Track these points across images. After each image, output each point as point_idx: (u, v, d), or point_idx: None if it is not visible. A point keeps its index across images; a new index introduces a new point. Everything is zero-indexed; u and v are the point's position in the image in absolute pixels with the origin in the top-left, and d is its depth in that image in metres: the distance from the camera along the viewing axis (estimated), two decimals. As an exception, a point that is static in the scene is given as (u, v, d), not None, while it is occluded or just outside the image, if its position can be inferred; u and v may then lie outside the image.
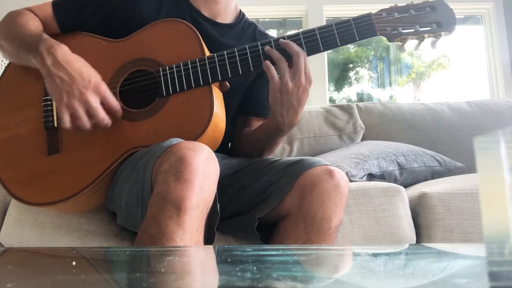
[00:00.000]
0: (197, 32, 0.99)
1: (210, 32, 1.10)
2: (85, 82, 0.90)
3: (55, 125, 0.98)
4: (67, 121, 0.90)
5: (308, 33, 0.97)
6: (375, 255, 0.63)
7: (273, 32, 3.50)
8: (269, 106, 0.99)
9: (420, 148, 1.62)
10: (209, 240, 0.84)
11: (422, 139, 1.80)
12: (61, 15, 1.06)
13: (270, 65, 0.95)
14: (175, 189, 0.74)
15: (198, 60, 0.96)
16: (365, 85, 4.04)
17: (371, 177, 1.47)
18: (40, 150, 0.97)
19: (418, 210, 1.23)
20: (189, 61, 0.96)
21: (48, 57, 0.91)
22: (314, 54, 0.99)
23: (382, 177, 1.47)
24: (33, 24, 1.03)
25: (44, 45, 0.93)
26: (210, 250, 0.68)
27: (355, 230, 1.16)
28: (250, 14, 1.28)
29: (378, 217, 1.17)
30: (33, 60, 0.94)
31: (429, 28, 0.97)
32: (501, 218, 0.28)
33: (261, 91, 1.17)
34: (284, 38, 0.97)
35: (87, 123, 0.91)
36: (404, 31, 0.98)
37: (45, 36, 0.96)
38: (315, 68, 2.59)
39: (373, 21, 0.97)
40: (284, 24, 3.36)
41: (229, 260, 0.52)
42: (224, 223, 0.99)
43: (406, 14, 0.99)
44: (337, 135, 1.82)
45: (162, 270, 0.46)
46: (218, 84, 0.99)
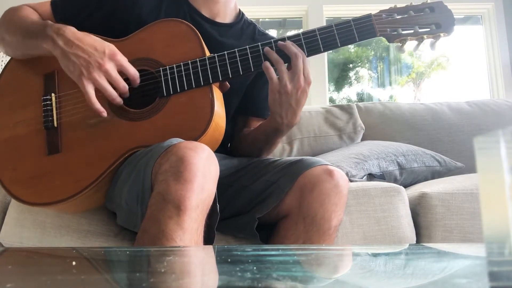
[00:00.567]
0: (198, 33, 0.99)
1: (210, 32, 1.10)
2: (101, 54, 0.91)
3: (55, 125, 0.98)
4: (93, 95, 0.90)
5: (309, 34, 0.98)
6: (375, 255, 0.63)
7: (273, 32, 3.50)
8: (268, 107, 1.00)
9: (420, 148, 1.62)
10: (209, 240, 0.84)
11: (422, 139, 1.80)
12: (60, 14, 1.06)
13: (269, 66, 0.95)
14: (175, 189, 0.74)
15: (199, 60, 0.96)
16: (365, 85, 4.04)
17: (371, 177, 1.47)
18: (40, 150, 0.97)
19: (418, 210, 1.23)
20: (190, 61, 0.96)
21: (59, 38, 0.92)
22: (315, 55, 0.99)
23: (382, 177, 1.47)
24: (35, 16, 1.04)
25: (52, 28, 0.94)
26: (210, 250, 0.68)
27: (355, 230, 1.16)
28: (250, 14, 1.28)
29: (378, 217, 1.17)
30: (44, 45, 0.94)
31: (428, 29, 0.98)
32: (501, 218, 0.28)
33: (261, 92, 1.17)
34: (285, 39, 0.97)
35: (113, 92, 0.91)
36: (404, 32, 0.98)
37: (50, 22, 0.97)
38: (315, 68, 2.59)
39: (373, 22, 0.98)
40: (284, 24, 3.36)
41: (229, 260, 0.52)
42: (224, 223, 0.99)
43: (406, 15, 0.99)
44: (337, 135, 1.82)
45: (162, 270, 0.46)
46: (219, 84, 0.99)
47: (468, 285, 0.37)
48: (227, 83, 1.01)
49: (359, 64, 4.11)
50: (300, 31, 0.99)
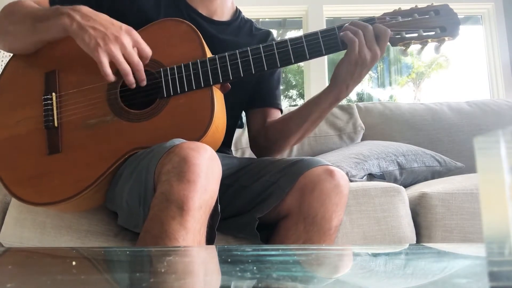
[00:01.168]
0: (199, 33, 0.99)
1: (208, 30, 1.10)
2: (117, 28, 0.92)
3: (55, 125, 0.98)
4: (107, 66, 0.90)
5: (310, 36, 0.97)
6: (375, 255, 0.63)
7: (273, 32, 3.49)
8: (336, 76, 0.99)
9: (420, 148, 1.62)
10: (210, 240, 0.84)
11: (422, 139, 1.81)
12: None
13: (354, 37, 0.94)
14: (178, 190, 0.74)
15: (200, 62, 0.96)
16: (365, 85, 4.04)
17: (371, 177, 1.47)
18: (41, 150, 0.97)
19: (418, 210, 1.23)
20: (190, 62, 0.96)
21: (75, 13, 0.92)
22: (316, 58, 0.99)
23: (382, 177, 1.47)
24: (39, 5, 1.03)
25: (66, 8, 0.94)
26: (213, 250, 0.68)
27: (355, 230, 1.16)
28: (250, 14, 1.29)
29: (378, 217, 1.17)
30: (59, 22, 0.93)
31: (433, 33, 0.96)
32: (501, 218, 0.28)
33: (271, 82, 1.19)
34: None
35: (127, 66, 0.91)
36: (408, 36, 0.97)
37: (61, 5, 0.97)
38: (315, 68, 2.59)
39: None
40: (284, 24, 3.35)
41: (229, 260, 0.52)
42: (224, 223, 0.98)
43: (410, 18, 0.98)
44: (337, 135, 1.82)
45: (164, 270, 0.46)
46: (219, 85, 0.99)
47: (468, 285, 0.37)
48: (228, 84, 1.01)
49: (359, 64, 4.10)
50: (302, 34, 0.98)
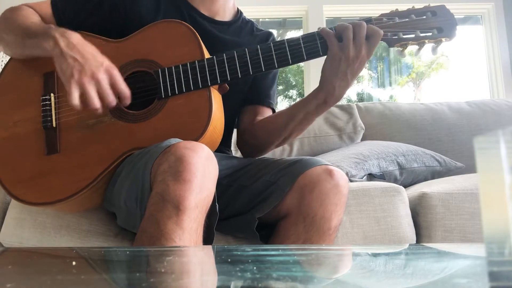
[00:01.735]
0: (197, 34, 0.99)
1: (209, 30, 1.10)
2: (97, 63, 0.90)
3: (54, 125, 0.98)
4: (76, 98, 0.88)
5: (308, 37, 0.97)
6: (375, 255, 0.63)
7: (273, 32, 3.49)
8: (322, 76, 0.98)
9: (420, 148, 1.62)
10: (209, 240, 0.84)
11: (422, 139, 1.81)
12: (60, 14, 1.06)
13: (329, 31, 0.94)
14: (174, 189, 0.74)
15: (197, 62, 0.96)
16: (365, 85, 4.04)
17: (371, 177, 1.47)
18: (39, 150, 0.97)
19: (418, 210, 1.23)
20: (188, 63, 0.96)
21: (62, 40, 0.91)
22: (315, 58, 0.99)
23: (382, 177, 1.47)
24: (36, 17, 1.04)
25: (57, 31, 0.93)
26: (209, 250, 0.68)
27: (355, 230, 1.16)
28: (250, 14, 1.29)
29: (378, 217, 1.17)
30: (44, 44, 0.93)
31: (430, 34, 0.96)
32: (501, 218, 0.28)
33: (265, 80, 1.19)
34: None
35: (98, 103, 0.89)
36: (405, 36, 0.97)
37: (55, 26, 0.97)
38: (315, 69, 2.59)
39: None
40: (284, 24, 3.35)
41: (229, 260, 0.52)
42: (224, 223, 0.98)
43: (407, 19, 0.98)
44: (337, 135, 1.82)
45: (162, 270, 0.46)
46: (217, 86, 0.99)
47: (468, 285, 0.37)
48: (226, 85, 1.01)
49: (359, 64, 4.10)
50: (300, 35, 0.98)
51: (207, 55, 0.99)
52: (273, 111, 1.22)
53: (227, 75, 0.96)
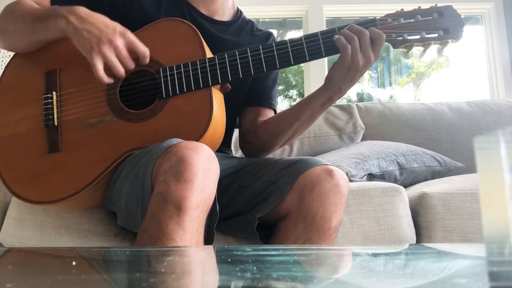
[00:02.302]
0: (199, 33, 0.99)
1: (209, 30, 1.10)
2: (111, 30, 0.92)
3: (55, 124, 0.98)
4: (101, 69, 0.91)
5: (311, 38, 0.96)
6: (375, 255, 0.63)
7: (273, 32, 3.48)
8: (329, 79, 0.99)
9: (420, 148, 1.62)
10: (209, 240, 0.84)
11: (422, 139, 1.81)
12: None
13: (346, 43, 0.94)
14: (175, 189, 0.74)
15: (199, 62, 0.96)
16: (365, 85, 4.04)
17: (371, 177, 1.47)
18: (41, 149, 0.97)
19: (418, 210, 1.23)
20: (190, 63, 0.96)
21: (72, 16, 0.93)
22: (317, 59, 0.98)
23: (382, 177, 1.47)
24: (39, 6, 1.04)
25: (63, 9, 0.95)
26: (210, 250, 0.68)
27: (355, 230, 1.16)
28: (250, 14, 1.29)
29: (378, 217, 1.17)
30: (57, 24, 0.94)
31: (436, 35, 0.95)
32: (501, 218, 0.28)
33: (266, 81, 1.19)
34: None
35: (121, 68, 0.92)
36: (410, 38, 0.95)
37: (59, 6, 0.98)
38: (315, 69, 2.59)
39: (378, 27, 0.95)
40: (284, 24, 3.35)
41: (229, 260, 0.52)
42: (224, 223, 0.98)
43: (412, 20, 0.96)
44: (337, 135, 1.82)
45: (162, 270, 0.46)
46: (219, 86, 0.99)
47: (468, 285, 0.37)
48: (228, 85, 1.01)
49: (359, 64, 4.10)
50: (302, 35, 0.97)
51: (209, 54, 0.99)
52: (275, 112, 1.22)
53: (228, 75, 0.96)
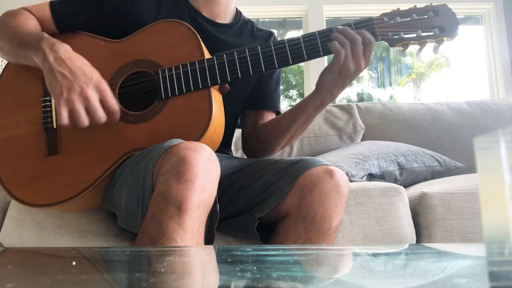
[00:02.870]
0: (197, 34, 0.99)
1: (211, 32, 1.10)
2: (87, 79, 0.89)
3: (54, 126, 0.98)
4: (65, 117, 0.88)
5: (309, 37, 0.97)
6: (375, 255, 0.63)
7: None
8: (321, 83, 1.00)
9: (420, 148, 1.62)
10: (209, 240, 0.84)
11: (422, 139, 1.80)
12: (58, 15, 1.06)
13: (340, 48, 0.94)
14: (176, 189, 0.74)
15: (198, 63, 0.96)
16: (365, 85, 4.04)
17: (371, 177, 1.47)
18: (39, 151, 0.97)
19: (418, 210, 1.23)
20: (188, 64, 0.96)
21: (51, 54, 0.91)
22: (315, 58, 0.98)
23: (382, 177, 1.47)
24: (31, 24, 1.02)
25: (46, 43, 0.92)
26: (211, 250, 0.68)
27: (355, 230, 1.16)
28: (250, 14, 1.29)
29: (378, 217, 1.17)
30: (34, 58, 0.93)
31: (431, 33, 0.96)
32: (501, 218, 0.28)
33: (268, 84, 1.19)
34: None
35: (86, 120, 0.89)
36: (406, 36, 0.96)
37: (46, 35, 0.95)
38: (315, 69, 2.59)
39: (375, 26, 0.96)
40: (284, 24, 3.35)
41: (229, 260, 0.52)
42: (224, 223, 0.98)
43: (408, 19, 0.97)
44: (337, 135, 1.82)
45: (163, 270, 0.46)
46: (218, 86, 0.99)
47: (468, 285, 0.37)
48: (227, 85, 1.01)
49: (359, 64, 4.11)
50: (300, 35, 0.98)
51: (208, 55, 0.99)
52: (279, 113, 1.22)
53: (227, 76, 0.96)
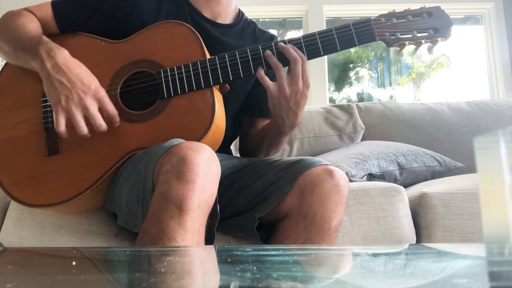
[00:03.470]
0: (198, 35, 0.99)
1: (212, 33, 1.10)
2: (85, 88, 0.89)
3: (55, 126, 0.98)
4: (62, 125, 0.89)
5: (309, 37, 0.98)
6: (375, 255, 0.63)
7: (273, 32, 3.48)
8: (271, 111, 1.01)
9: (420, 148, 1.62)
10: (209, 240, 0.84)
11: (422, 139, 1.80)
12: (60, 15, 1.06)
13: (264, 76, 0.96)
14: (177, 189, 0.74)
15: (200, 63, 0.96)
16: (365, 85, 4.04)
17: (371, 177, 1.47)
18: (40, 151, 0.97)
19: (418, 210, 1.23)
20: (190, 63, 0.96)
21: (48, 61, 0.90)
22: (315, 58, 0.99)
23: (382, 177, 1.47)
24: (32, 26, 1.02)
25: (44, 48, 0.92)
26: (212, 250, 0.68)
27: (355, 230, 1.16)
28: (250, 14, 1.29)
29: (378, 217, 1.17)
30: (32, 63, 0.93)
31: (426, 34, 0.99)
32: (501, 218, 0.28)
33: (264, 92, 1.17)
34: (285, 42, 0.98)
35: (85, 129, 0.90)
36: (402, 37, 1.00)
37: (45, 39, 0.95)
38: (315, 68, 2.59)
39: (373, 26, 0.99)
40: (284, 24, 3.35)
41: (229, 260, 0.52)
42: (224, 223, 0.99)
43: (404, 20, 1.00)
44: (337, 135, 1.82)
45: (163, 270, 0.46)
46: (219, 86, 0.99)
47: (468, 285, 0.37)
48: (227, 85, 1.01)
49: (359, 64, 4.11)
50: (301, 35, 0.99)
51: (209, 56, 0.99)
52: None
53: (229, 75, 0.96)
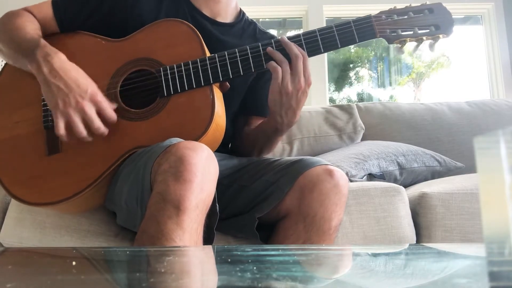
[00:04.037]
0: (198, 33, 0.99)
1: (211, 31, 1.10)
2: (82, 91, 0.90)
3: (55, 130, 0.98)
4: (62, 128, 0.90)
5: (309, 34, 0.98)
6: (375, 255, 0.63)
7: (273, 32, 3.48)
8: (270, 108, 1.00)
9: (420, 148, 1.62)
10: (209, 240, 0.84)
11: (422, 139, 1.80)
12: (61, 14, 1.06)
13: (277, 66, 0.95)
14: (175, 189, 0.74)
15: (199, 60, 0.96)
16: (365, 85, 4.04)
17: (371, 177, 1.47)
18: (40, 150, 0.97)
19: (418, 210, 1.23)
20: (190, 61, 0.96)
21: (45, 65, 0.91)
22: (315, 55, 0.99)
23: (382, 177, 1.47)
24: (31, 27, 1.02)
25: (41, 52, 0.92)
26: (209, 250, 0.68)
27: (355, 230, 1.16)
28: (250, 14, 1.29)
29: (378, 217, 1.17)
30: (29, 66, 0.94)
31: (428, 31, 0.98)
32: (501, 218, 0.28)
33: (262, 90, 1.17)
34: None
35: (83, 131, 0.91)
36: (403, 33, 0.99)
37: (42, 43, 0.95)
38: (315, 68, 2.59)
39: (373, 23, 0.98)
40: (284, 24, 3.35)
41: (229, 260, 0.52)
42: (224, 223, 0.98)
43: (405, 17, 1.00)
44: (337, 135, 1.82)
45: (162, 270, 0.46)
46: (219, 84, 0.99)
47: (468, 285, 0.37)
48: (227, 83, 1.01)
49: (359, 64, 4.11)
50: (301, 32, 0.99)
51: (209, 54, 0.99)
52: None
53: (229, 73, 0.96)
